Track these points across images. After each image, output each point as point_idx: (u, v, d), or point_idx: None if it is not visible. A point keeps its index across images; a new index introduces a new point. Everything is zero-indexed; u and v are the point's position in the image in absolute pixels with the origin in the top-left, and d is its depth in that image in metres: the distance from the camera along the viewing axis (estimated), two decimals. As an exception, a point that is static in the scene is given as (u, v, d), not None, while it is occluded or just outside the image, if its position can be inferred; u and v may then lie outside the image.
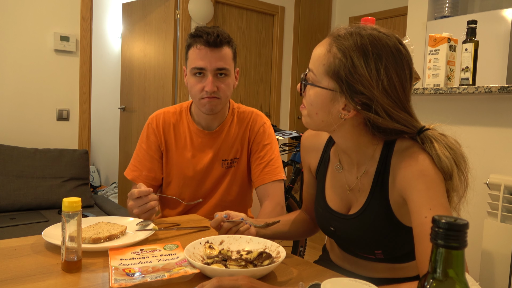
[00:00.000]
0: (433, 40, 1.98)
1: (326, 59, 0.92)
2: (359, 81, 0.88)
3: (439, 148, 0.89)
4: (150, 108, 3.87)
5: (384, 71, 0.89)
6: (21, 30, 2.84)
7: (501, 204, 1.75)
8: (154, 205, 1.23)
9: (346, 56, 0.89)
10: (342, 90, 0.90)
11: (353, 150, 1.02)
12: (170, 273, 0.85)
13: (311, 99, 0.96)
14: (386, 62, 0.89)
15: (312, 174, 1.21)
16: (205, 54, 1.37)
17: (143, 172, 1.53)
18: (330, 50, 0.92)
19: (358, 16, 4.76)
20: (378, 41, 0.90)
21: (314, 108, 0.96)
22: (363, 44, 0.89)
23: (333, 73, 0.91)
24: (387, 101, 0.90)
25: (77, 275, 0.89)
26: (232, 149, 1.53)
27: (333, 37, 0.93)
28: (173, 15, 3.71)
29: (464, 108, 1.96)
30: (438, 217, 0.51)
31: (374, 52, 0.89)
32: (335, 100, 0.93)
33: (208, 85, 1.38)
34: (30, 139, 2.89)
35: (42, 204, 2.58)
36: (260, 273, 0.88)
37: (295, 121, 4.78)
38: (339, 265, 1.16)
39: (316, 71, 0.94)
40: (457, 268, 0.51)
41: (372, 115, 0.90)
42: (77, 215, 0.90)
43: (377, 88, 0.88)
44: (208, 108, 1.42)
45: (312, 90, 0.95)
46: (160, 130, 1.53)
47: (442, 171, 0.89)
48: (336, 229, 1.07)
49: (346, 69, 0.89)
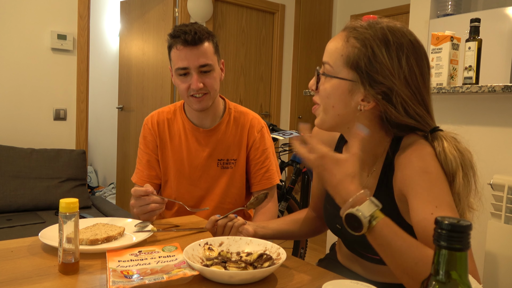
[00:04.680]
0: (436, 39, 1.97)
1: (344, 50, 0.91)
2: (380, 70, 0.87)
3: (447, 146, 0.88)
4: (149, 107, 3.85)
5: (405, 60, 0.88)
6: (18, 28, 2.82)
7: (505, 205, 1.74)
8: (154, 208, 1.21)
9: (366, 45, 0.88)
10: (362, 80, 0.89)
11: (364, 149, 0.99)
12: (169, 275, 0.85)
13: (328, 92, 0.93)
14: (407, 52, 0.89)
15: None
16: (185, 54, 1.39)
17: (145, 171, 1.56)
18: (347, 41, 0.91)
19: (360, 14, 4.76)
20: (398, 31, 0.90)
21: (331, 100, 0.93)
22: (383, 33, 0.88)
23: (352, 63, 0.89)
24: (407, 92, 0.89)
25: (74, 277, 0.89)
26: (229, 150, 1.54)
27: (349, 29, 0.92)
28: (172, 13, 3.69)
29: (467, 107, 1.95)
30: (441, 218, 0.51)
31: (394, 41, 0.88)
32: (354, 91, 0.91)
33: (194, 83, 1.40)
34: (26, 139, 2.87)
35: (39, 205, 2.57)
36: (260, 275, 0.88)
37: (295, 121, 4.77)
38: (345, 265, 1.15)
39: (334, 63, 0.92)
40: (460, 270, 0.50)
41: (390, 107, 0.89)
42: (74, 216, 0.89)
43: (398, 78, 0.88)
44: (199, 106, 1.44)
45: (329, 82, 0.93)
46: (155, 129, 1.55)
47: (446, 169, 0.87)
48: (342, 228, 1.06)
49: (366, 58, 0.88)
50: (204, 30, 1.41)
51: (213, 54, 1.43)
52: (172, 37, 1.41)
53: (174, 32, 1.41)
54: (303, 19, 4.73)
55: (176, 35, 1.39)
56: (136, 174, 1.58)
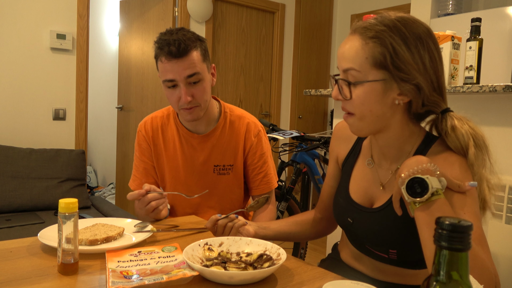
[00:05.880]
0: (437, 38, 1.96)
1: (366, 51, 0.90)
2: (406, 63, 0.88)
3: (458, 123, 0.91)
4: (148, 107, 3.84)
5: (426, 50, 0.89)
6: (17, 28, 2.82)
7: (506, 205, 1.73)
8: (155, 205, 1.23)
9: (386, 43, 0.88)
10: (393, 76, 0.89)
11: (393, 145, 1.00)
12: (169, 276, 0.84)
13: (361, 98, 0.92)
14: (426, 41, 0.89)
15: (338, 165, 1.19)
16: (171, 66, 1.32)
17: (142, 179, 1.54)
18: (366, 42, 0.90)
19: (360, 14, 4.76)
20: (410, 22, 0.90)
21: (366, 106, 0.92)
22: (396, 28, 0.89)
23: (379, 63, 0.89)
24: (426, 83, 0.90)
25: (73, 277, 0.88)
26: (225, 155, 1.51)
27: (361, 29, 0.92)
28: (172, 13, 3.68)
29: (468, 107, 1.94)
30: (442, 218, 0.51)
31: (410, 33, 0.89)
32: (388, 89, 0.91)
33: (182, 97, 1.34)
34: (25, 139, 2.87)
35: (38, 205, 2.57)
36: (260, 275, 0.87)
37: (295, 121, 4.77)
38: (348, 264, 1.15)
39: (360, 67, 0.90)
40: (461, 270, 0.50)
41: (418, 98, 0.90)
42: (73, 217, 0.89)
43: (421, 69, 0.89)
44: (191, 117, 1.40)
45: (360, 88, 0.91)
46: (150, 136, 1.53)
47: (458, 144, 0.90)
48: (353, 221, 1.06)
49: (389, 55, 0.88)
50: (189, 38, 1.33)
51: (201, 62, 1.35)
52: (156, 48, 1.35)
53: (158, 42, 1.34)
54: (303, 18, 4.73)
55: (160, 47, 1.33)
56: (133, 181, 1.56)
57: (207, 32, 3.98)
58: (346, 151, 1.15)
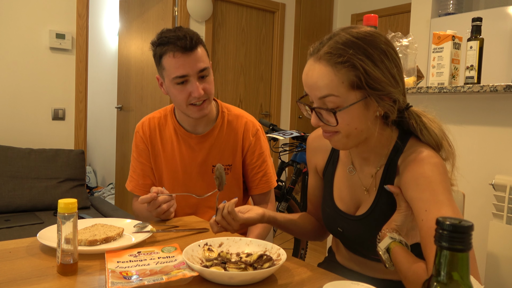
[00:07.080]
0: (437, 38, 1.96)
1: (340, 77, 0.89)
2: (377, 81, 0.90)
3: (427, 121, 0.96)
4: (148, 107, 3.83)
5: (391, 61, 0.92)
6: (16, 27, 2.81)
7: (507, 205, 1.73)
8: (166, 207, 1.26)
9: (357, 66, 0.88)
10: (371, 93, 0.90)
11: (372, 151, 1.02)
12: (168, 276, 0.84)
13: (347, 120, 0.93)
14: (387, 53, 0.91)
15: (319, 175, 1.20)
16: (184, 60, 1.33)
17: (139, 181, 1.54)
18: (337, 68, 0.89)
19: (360, 13, 4.76)
20: (369, 38, 0.91)
21: (352, 126, 0.93)
22: (360, 48, 0.89)
23: (356, 85, 0.89)
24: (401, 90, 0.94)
25: (73, 278, 0.88)
26: (223, 155, 1.51)
27: (325, 55, 0.91)
28: (171, 13, 3.68)
29: (469, 107, 1.94)
30: (443, 219, 0.51)
31: (373, 49, 0.90)
32: (369, 105, 0.93)
33: (196, 91, 1.35)
34: (25, 139, 2.86)
35: (37, 205, 2.56)
36: (260, 276, 0.87)
37: (295, 121, 4.77)
38: (345, 266, 1.16)
39: (338, 92, 0.90)
40: (462, 271, 0.50)
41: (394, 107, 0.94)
42: (73, 217, 0.89)
43: (390, 81, 0.92)
44: (200, 114, 1.40)
45: (344, 112, 0.92)
46: (147, 137, 1.53)
47: (435, 143, 0.95)
48: (344, 230, 1.08)
49: (362, 77, 0.89)
50: (195, 34, 1.37)
51: (207, 57, 1.41)
52: (162, 45, 1.35)
53: (163, 39, 1.34)
54: (304, 18, 4.73)
55: (169, 42, 1.33)
56: (130, 183, 1.55)
57: (207, 31, 3.98)
58: (324, 160, 1.16)
